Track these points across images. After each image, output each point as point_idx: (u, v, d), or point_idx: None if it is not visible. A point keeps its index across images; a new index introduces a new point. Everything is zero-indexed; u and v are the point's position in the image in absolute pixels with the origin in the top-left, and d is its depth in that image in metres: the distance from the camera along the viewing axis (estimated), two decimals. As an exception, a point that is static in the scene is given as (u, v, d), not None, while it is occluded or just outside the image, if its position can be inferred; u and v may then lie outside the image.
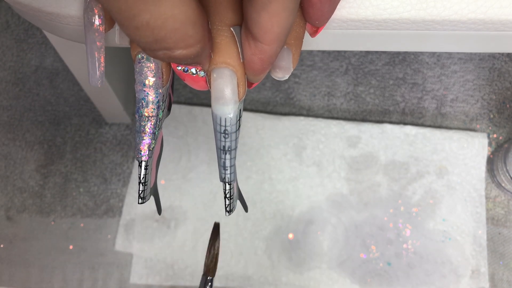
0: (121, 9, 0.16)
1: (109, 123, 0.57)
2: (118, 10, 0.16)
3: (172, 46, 0.18)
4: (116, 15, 0.17)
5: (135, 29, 0.17)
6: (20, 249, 0.53)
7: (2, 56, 0.60)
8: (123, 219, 0.54)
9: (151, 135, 0.24)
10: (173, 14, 0.17)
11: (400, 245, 0.53)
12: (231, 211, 0.25)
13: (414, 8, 0.25)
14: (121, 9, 0.16)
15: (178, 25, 0.17)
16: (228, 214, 0.25)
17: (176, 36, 0.17)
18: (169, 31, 0.17)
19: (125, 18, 0.17)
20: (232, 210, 0.25)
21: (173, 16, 0.17)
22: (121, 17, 0.17)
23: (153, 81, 0.22)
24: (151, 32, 0.17)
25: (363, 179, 0.55)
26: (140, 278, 0.52)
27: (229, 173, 0.24)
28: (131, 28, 0.17)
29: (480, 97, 0.58)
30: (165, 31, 0.17)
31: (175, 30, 0.17)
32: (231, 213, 0.25)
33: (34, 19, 0.27)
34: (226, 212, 0.25)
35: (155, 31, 0.17)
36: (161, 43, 0.18)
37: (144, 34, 0.17)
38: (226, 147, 0.23)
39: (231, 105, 0.22)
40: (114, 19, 0.17)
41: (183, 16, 0.17)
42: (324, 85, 0.59)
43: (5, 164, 0.56)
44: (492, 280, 0.52)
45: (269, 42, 0.20)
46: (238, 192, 0.28)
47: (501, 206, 0.54)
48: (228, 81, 0.21)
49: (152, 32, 0.17)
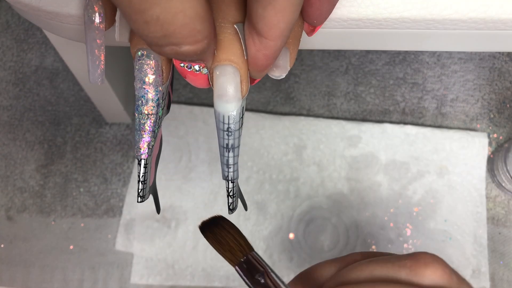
0: (132, 2, 0.16)
1: (109, 123, 0.57)
2: (129, 3, 0.16)
3: (180, 41, 0.18)
4: (126, 9, 0.17)
5: (145, 23, 0.17)
6: (20, 249, 0.53)
7: (2, 56, 0.60)
8: (124, 219, 0.54)
9: (150, 133, 0.24)
10: (183, 8, 0.17)
11: (401, 245, 0.53)
12: (234, 209, 0.25)
13: (415, 7, 0.25)
14: (132, 2, 0.16)
15: (188, 20, 0.17)
16: (231, 212, 0.25)
17: (185, 31, 0.17)
18: (178, 26, 0.17)
19: (135, 12, 0.17)
20: (235, 208, 0.25)
21: (183, 10, 0.17)
22: (131, 11, 0.17)
23: (152, 78, 0.22)
24: (160, 27, 0.17)
25: (363, 179, 0.55)
26: (141, 278, 0.52)
27: (232, 171, 0.24)
28: (140, 23, 0.17)
29: (480, 97, 0.58)
30: (175, 26, 0.17)
31: (185, 25, 0.17)
32: (234, 211, 0.25)
33: (34, 19, 0.27)
34: (229, 210, 0.25)
35: (164, 26, 0.17)
36: (170, 38, 0.18)
37: (153, 29, 0.17)
38: (229, 145, 0.23)
39: (234, 103, 0.22)
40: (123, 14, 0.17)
41: (192, 11, 0.17)
42: (324, 85, 0.59)
43: (5, 164, 0.56)
44: (493, 280, 0.52)
45: (274, 38, 0.20)
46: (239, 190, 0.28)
47: (501, 205, 0.54)
48: (231, 79, 0.21)
49: (162, 27, 0.17)
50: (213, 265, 0.52)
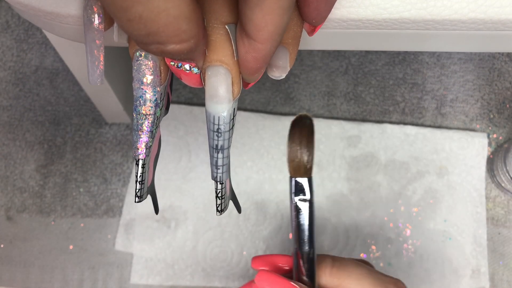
0: (114, 0, 0.16)
1: (109, 123, 0.57)
2: (112, 1, 0.16)
3: (165, 40, 0.18)
4: (109, 7, 0.17)
5: (128, 21, 0.17)
6: (20, 249, 0.53)
7: (2, 56, 0.60)
8: (123, 219, 0.54)
9: (148, 133, 0.24)
10: (166, 8, 0.17)
11: (401, 245, 0.53)
12: (222, 211, 0.25)
13: (415, 7, 0.25)
14: (114, 0, 0.16)
15: (172, 20, 0.17)
16: (219, 214, 0.25)
17: (169, 31, 0.17)
18: (161, 25, 0.17)
19: (118, 10, 0.17)
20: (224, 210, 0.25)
21: (166, 10, 0.17)
22: (115, 8, 0.17)
23: (151, 79, 0.22)
24: (143, 25, 0.17)
25: (363, 179, 0.55)
26: (141, 278, 0.52)
27: (221, 172, 0.24)
28: (124, 20, 0.17)
29: (480, 97, 0.58)
30: (158, 25, 0.17)
31: (168, 24, 0.17)
32: (223, 213, 0.25)
33: (34, 19, 0.27)
34: (217, 211, 0.25)
35: (147, 24, 0.17)
36: (154, 37, 0.17)
37: (136, 27, 0.17)
38: (218, 146, 0.23)
39: (224, 104, 0.22)
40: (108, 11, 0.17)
41: (176, 10, 0.17)
42: (324, 85, 0.59)
43: (5, 164, 0.56)
44: (492, 280, 0.52)
45: (263, 41, 0.19)
46: (231, 192, 0.27)
47: (501, 206, 0.54)
48: (222, 80, 0.21)
49: (145, 25, 0.17)
50: (213, 265, 0.52)
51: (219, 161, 0.24)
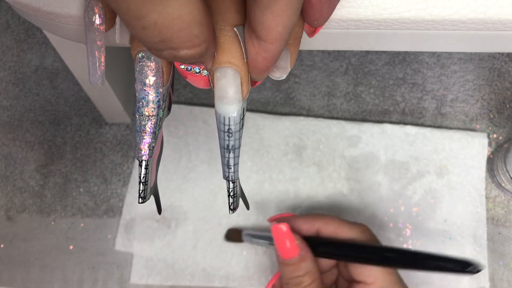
0: (130, 9, 0.16)
1: (109, 123, 0.58)
2: (127, 10, 0.16)
3: (178, 46, 0.18)
4: (124, 16, 0.17)
5: (142, 29, 0.17)
6: (20, 249, 0.53)
7: (2, 56, 0.60)
8: (123, 219, 0.54)
9: (151, 134, 0.24)
10: (180, 14, 0.17)
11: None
12: (234, 209, 0.26)
13: (415, 7, 0.25)
14: (130, 9, 0.16)
15: (185, 26, 0.17)
16: (232, 212, 0.26)
17: (182, 36, 0.18)
18: (175, 31, 0.17)
19: (132, 18, 0.17)
20: (236, 208, 0.26)
21: (180, 16, 0.17)
22: (129, 17, 0.17)
23: (153, 80, 0.22)
24: (158, 32, 0.17)
25: (363, 179, 0.55)
26: (141, 278, 0.52)
27: (233, 171, 0.24)
28: (138, 28, 0.17)
29: (480, 97, 0.58)
30: (172, 31, 0.17)
31: (182, 30, 0.17)
32: (235, 211, 0.26)
33: (34, 19, 0.27)
34: (230, 210, 0.26)
35: (162, 31, 0.17)
36: (167, 43, 0.18)
37: (151, 34, 0.17)
38: (230, 146, 0.23)
39: (234, 104, 0.22)
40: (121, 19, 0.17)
41: (190, 16, 0.17)
42: (324, 85, 0.59)
43: (5, 164, 0.56)
44: (492, 280, 0.52)
45: (273, 41, 0.20)
46: (241, 190, 0.28)
47: (501, 206, 0.54)
48: (232, 81, 0.21)
49: (159, 32, 0.17)
50: (213, 265, 0.52)
51: (231, 160, 0.24)
